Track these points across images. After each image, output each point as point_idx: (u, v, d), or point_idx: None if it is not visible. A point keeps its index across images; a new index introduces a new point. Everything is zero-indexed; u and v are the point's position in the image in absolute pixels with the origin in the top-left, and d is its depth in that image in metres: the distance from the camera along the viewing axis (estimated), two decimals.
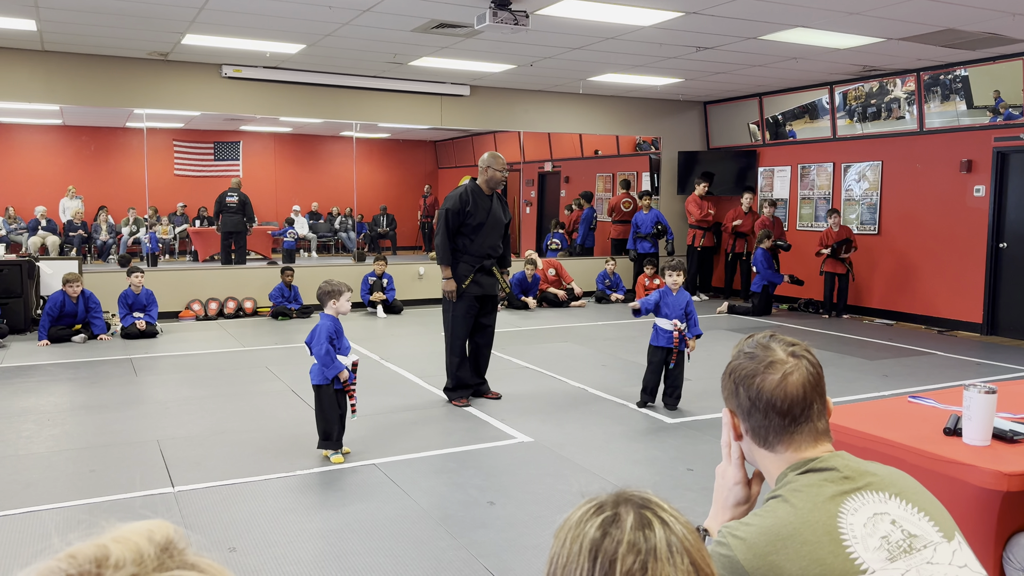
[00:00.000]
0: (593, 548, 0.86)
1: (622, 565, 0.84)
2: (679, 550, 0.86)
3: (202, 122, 15.27)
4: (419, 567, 3.25)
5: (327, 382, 4.45)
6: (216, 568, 0.62)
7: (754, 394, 1.44)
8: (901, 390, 6.16)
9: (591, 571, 0.86)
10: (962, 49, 8.20)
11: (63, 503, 3.86)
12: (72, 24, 7.65)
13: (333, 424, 4.48)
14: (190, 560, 0.61)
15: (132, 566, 0.57)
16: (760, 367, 1.45)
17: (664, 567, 0.84)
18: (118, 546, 0.59)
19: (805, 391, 1.43)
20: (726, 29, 7.50)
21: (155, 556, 0.59)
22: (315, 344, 4.44)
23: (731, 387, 1.50)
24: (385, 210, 17.84)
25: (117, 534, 0.60)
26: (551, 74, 10.16)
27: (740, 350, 1.52)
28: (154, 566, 0.58)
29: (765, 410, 1.44)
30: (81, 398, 5.92)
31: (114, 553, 0.58)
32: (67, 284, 8.15)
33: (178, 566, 0.59)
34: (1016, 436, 2.33)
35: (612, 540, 0.87)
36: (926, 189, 9.64)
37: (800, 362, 1.45)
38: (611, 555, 0.85)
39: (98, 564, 0.57)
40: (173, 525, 0.63)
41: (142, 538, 0.60)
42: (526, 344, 8.20)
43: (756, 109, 11.77)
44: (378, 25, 7.51)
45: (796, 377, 1.43)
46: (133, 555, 0.58)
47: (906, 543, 1.31)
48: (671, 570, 0.84)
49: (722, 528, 1.38)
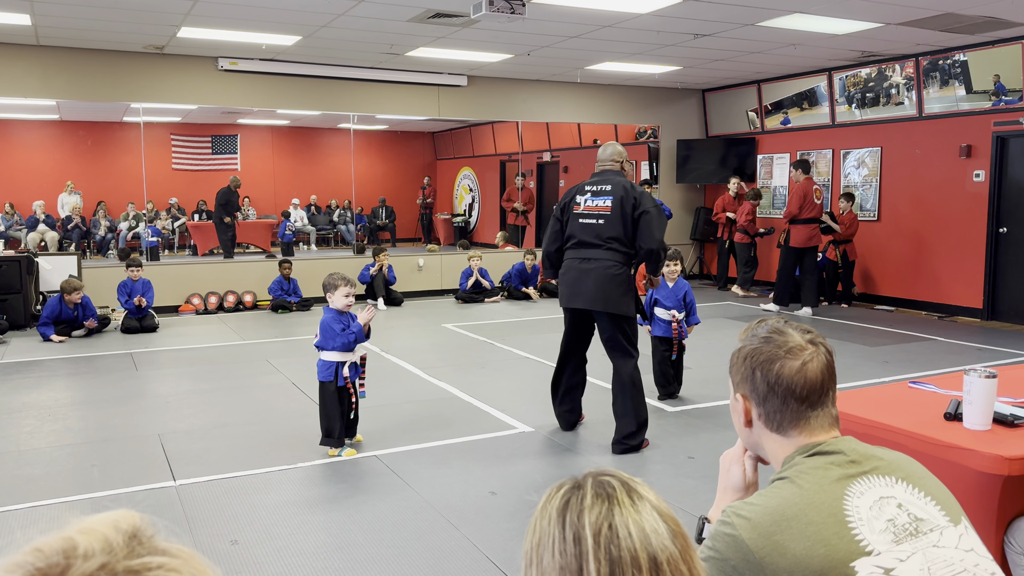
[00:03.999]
0: (560, 515, 0.90)
1: (589, 517, 0.88)
2: (640, 497, 0.91)
3: (199, 116, 15.22)
4: (421, 558, 3.25)
5: (327, 379, 4.45)
6: (186, 552, 0.61)
7: (773, 379, 1.44)
8: (902, 376, 6.16)
9: (563, 536, 0.88)
10: (961, 33, 8.17)
11: (65, 498, 3.87)
12: (67, 18, 7.61)
13: (335, 421, 4.47)
14: (160, 546, 0.60)
15: (102, 555, 0.57)
16: (780, 352, 1.45)
17: (630, 512, 0.88)
18: (85, 537, 0.58)
19: (823, 378, 1.45)
20: (724, 16, 7.46)
21: (124, 544, 0.58)
22: (322, 338, 4.43)
23: (746, 371, 1.49)
24: (384, 202, 17.81)
25: (82, 526, 0.59)
26: (549, 63, 10.12)
27: (754, 334, 1.51)
28: (124, 554, 0.58)
29: (784, 396, 1.44)
30: (82, 393, 5.92)
31: (81, 544, 0.57)
32: (67, 293, 8.01)
33: (148, 552, 0.59)
34: (1017, 420, 2.33)
35: (577, 500, 0.91)
36: (925, 174, 9.61)
37: (819, 349, 1.46)
38: (577, 511, 0.89)
39: (66, 556, 0.56)
40: (139, 514, 0.62)
41: (108, 528, 0.59)
42: (527, 334, 8.20)
43: (755, 96, 11.74)
44: (374, 15, 7.48)
45: (815, 364, 1.44)
46: (101, 544, 0.58)
47: (912, 526, 1.31)
48: (637, 515, 0.88)
49: (726, 508, 1.38)
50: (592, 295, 4.51)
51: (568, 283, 4.62)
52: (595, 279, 4.50)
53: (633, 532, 0.87)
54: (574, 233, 4.59)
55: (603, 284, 4.48)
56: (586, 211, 4.56)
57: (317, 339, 4.47)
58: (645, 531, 0.88)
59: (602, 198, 4.53)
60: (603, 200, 4.52)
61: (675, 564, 0.87)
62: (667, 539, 0.88)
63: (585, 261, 4.55)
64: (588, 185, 4.62)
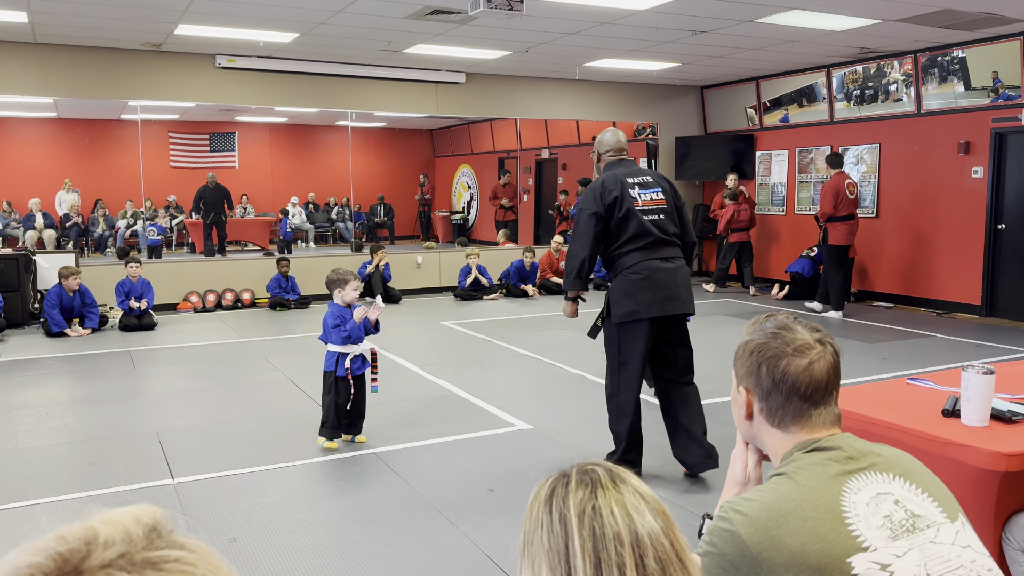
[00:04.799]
0: (547, 501, 0.95)
1: (574, 500, 0.93)
2: (622, 480, 0.95)
3: (197, 113, 15.20)
4: (419, 554, 3.25)
5: (330, 368, 4.47)
6: (203, 548, 0.63)
7: (779, 375, 1.44)
8: (900, 372, 6.16)
9: (550, 519, 0.93)
10: (959, 30, 8.16)
11: (63, 496, 3.86)
12: (64, 15, 7.59)
13: (330, 410, 4.49)
14: (178, 541, 0.62)
15: (121, 545, 0.58)
16: (788, 349, 1.44)
17: (612, 494, 0.93)
18: (106, 527, 0.60)
19: (828, 377, 1.44)
20: (722, 12, 7.46)
21: (143, 536, 0.60)
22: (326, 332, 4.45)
23: (752, 365, 1.48)
24: (382, 199, 17.79)
25: (105, 517, 0.61)
26: (547, 60, 10.11)
27: (761, 328, 1.50)
28: (143, 545, 0.59)
29: (788, 393, 1.43)
30: (80, 391, 5.91)
31: (103, 533, 0.59)
32: (65, 278, 8.14)
33: (167, 546, 0.60)
34: (1014, 416, 2.33)
35: (562, 486, 0.95)
36: (924, 171, 9.61)
37: (826, 348, 1.45)
38: (563, 496, 0.94)
39: (87, 543, 0.58)
40: (160, 508, 0.64)
41: (130, 520, 0.61)
42: (525, 332, 8.20)
43: (753, 93, 11.73)
44: (371, 12, 7.46)
45: (822, 364, 1.43)
46: (122, 535, 0.59)
47: (909, 522, 1.31)
48: (619, 495, 0.93)
49: (724, 503, 1.38)
50: (685, 298, 4.04)
51: (657, 287, 3.95)
52: (683, 280, 4.05)
53: (616, 511, 0.91)
54: (639, 231, 3.98)
55: (688, 285, 4.09)
56: (645, 206, 4.03)
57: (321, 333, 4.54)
58: (627, 509, 0.92)
59: (652, 191, 4.06)
60: (655, 192, 4.07)
61: (656, 538, 0.90)
62: (648, 516, 0.92)
63: (666, 261, 4.02)
64: (627, 177, 4.05)
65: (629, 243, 4.00)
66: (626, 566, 0.88)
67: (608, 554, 0.89)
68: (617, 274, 4.04)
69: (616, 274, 4.05)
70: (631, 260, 3.99)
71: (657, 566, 0.89)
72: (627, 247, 4.01)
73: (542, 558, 0.91)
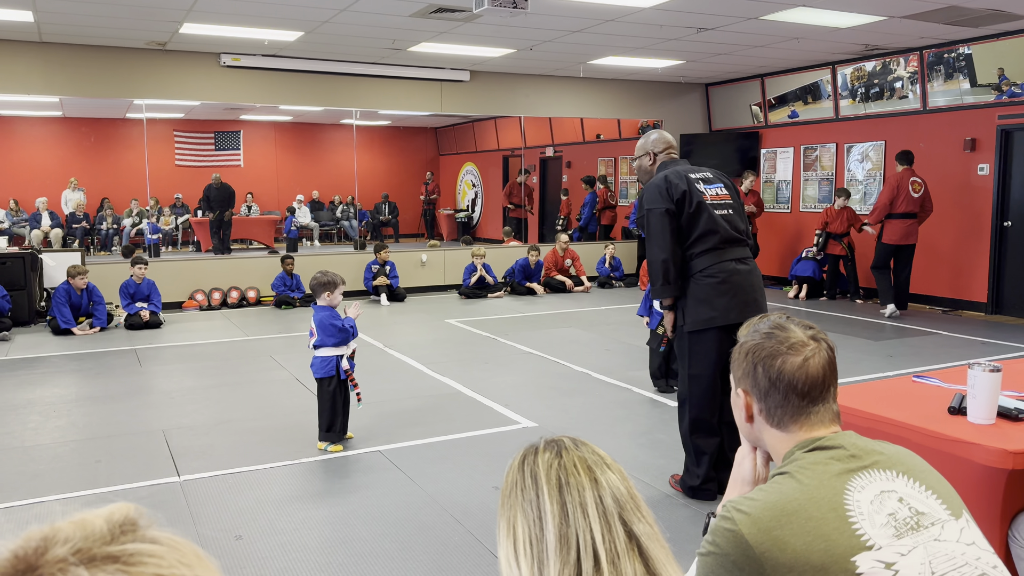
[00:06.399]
0: (520, 466, 1.10)
1: (541, 459, 1.08)
2: (583, 443, 1.11)
3: (202, 112, 15.23)
4: (425, 552, 3.26)
5: (328, 375, 4.45)
6: (176, 541, 0.61)
7: (775, 375, 1.45)
8: (906, 370, 6.14)
9: (522, 477, 1.08)
10: (965, 26, 8.13)
11: (69, 493, 3.88)
12: (69, 15, 7.61)
13: (336, 416, 4.48)
14: (148, 535, 0.61)
15: (80, 541, 0.58)
16: (782, 348, 1.45)
17: (573, 452, 1.09)
18: (70, 525, 0.59)
19: (824, 374, 1.46)
20: (727, 9, 7.44)
21: (107, 532, 0.59)
22: (321, 336, 4.42)
23: (748, 366, 1.49)
24: (387, 198, 17.80)
25: (77, 516, 0.61)
26: (551, 58, 10.10)
27: (755, 330, 1.51)
28: (105, 541, 0.59)
29: (785, 391, 1.44)
30: (86, 389, 5.93)
31: (64, 531, 0.59)
32: (72, 277, 8.16)
33: (133, 540, 0.59)
34: (1021, 414, 2.32)
35: (531, 452, 1.11)
36: (930, 168, 9.57)
37: (820, 345, 1.47)
38: (532, 458, 1.10)
39: (45, 540, 0.58)
40: (136, 506, 0.63)
41: (99, 518, 0.61)
42: (530, 330, 8.20)
43: (758, 90, 11.70)
44: (376, 11, 7.47)
45: (817, 360, 1.45)
46: (82, 532, 0.59)
47: (913, 520, 1.31)
48: (580, 454, 1.09)
49: (726, 503, 1.38)
50: (762, 302, 3.73)
51: (735, 291, 3.65)
52: (759, 283, 3.76)
53: (577, 464, 1.07)
54: (710, 228, 3.65)
55: (763, 288, 3.80)
56: (714, 200, 3.71)
57: (315, 339, 4.45)
58: (588, 463, 1.08)
59: (715, 186, 3.78)
60: (718, 188, 3.78)
61: (613, 483, 1.06)
62: (606, 468, 1.08)
63: (741, 263, 3.70)
64: (689, 173, 3.78)
65: (699, 242, 3.67)
66: (588, 505, 1.03)
67: (572, 496, 1.03)
68: (688, 278, 3.72)
69: (686, 279, 3.73)
70: (704, 263, 3.66)
71: (615, 504, 1.04)
72: (697, 247, 3.68)
73: (516, 509, 1.06)
